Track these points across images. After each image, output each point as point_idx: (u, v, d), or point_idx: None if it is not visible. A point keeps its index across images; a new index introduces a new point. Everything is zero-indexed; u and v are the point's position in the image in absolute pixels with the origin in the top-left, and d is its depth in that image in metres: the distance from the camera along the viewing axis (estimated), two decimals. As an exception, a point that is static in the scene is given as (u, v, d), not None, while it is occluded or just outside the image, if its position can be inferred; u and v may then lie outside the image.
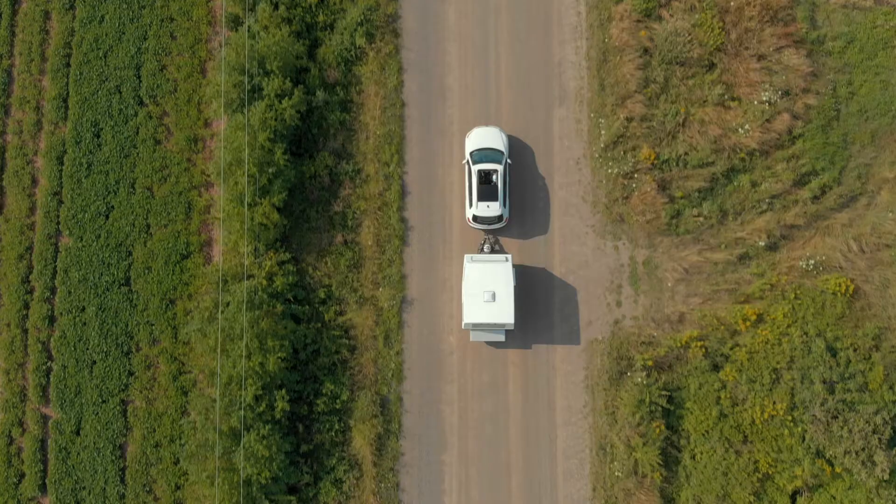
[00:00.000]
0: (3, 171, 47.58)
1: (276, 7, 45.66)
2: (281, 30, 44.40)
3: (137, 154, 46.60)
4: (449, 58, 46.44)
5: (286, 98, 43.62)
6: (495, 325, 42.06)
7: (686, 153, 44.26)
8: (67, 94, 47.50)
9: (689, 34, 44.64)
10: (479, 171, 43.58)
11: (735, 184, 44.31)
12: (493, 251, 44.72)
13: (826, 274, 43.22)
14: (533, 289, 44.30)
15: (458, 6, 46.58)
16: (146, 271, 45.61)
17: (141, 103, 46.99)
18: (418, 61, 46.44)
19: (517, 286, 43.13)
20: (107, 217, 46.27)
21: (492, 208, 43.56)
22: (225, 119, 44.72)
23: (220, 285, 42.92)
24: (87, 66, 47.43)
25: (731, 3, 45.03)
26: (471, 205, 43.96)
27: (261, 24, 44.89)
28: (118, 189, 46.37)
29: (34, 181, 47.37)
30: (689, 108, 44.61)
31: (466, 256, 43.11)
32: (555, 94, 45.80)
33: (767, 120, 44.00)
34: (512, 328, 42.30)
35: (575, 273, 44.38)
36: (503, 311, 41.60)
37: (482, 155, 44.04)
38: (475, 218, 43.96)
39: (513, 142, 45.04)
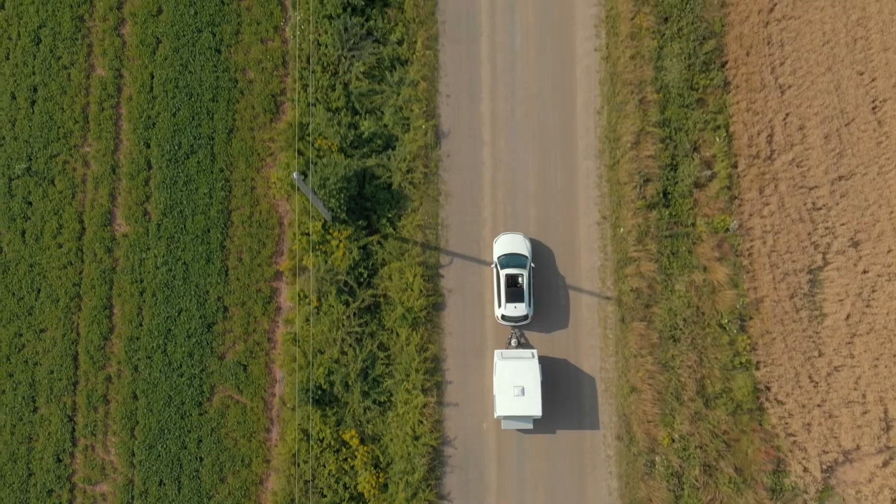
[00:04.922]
0: None
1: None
2: None
3: None
4: None
5: None
6: (525, 416, 46.30)
7: None
8: None
9: None
10: (507, 276, 48.24)
11: None
12: (519, 344, 48.87)
13: None
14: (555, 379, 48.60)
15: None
16: None
17: None
18: None
19: (543, 379, 47.17)
20: None
21: (518, 309, 48.23)
22: None
23: None
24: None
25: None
26: (499, 305, 48.53)
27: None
28: None
29: None
30: None
31: (496, 352, 47.59)
32: None
33: None
34: (540, 417, 46.35)
35: None
36: (532, 404, 45.98)
37: (508, 259, 48.57)
38: (503, 317, 48.33)
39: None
